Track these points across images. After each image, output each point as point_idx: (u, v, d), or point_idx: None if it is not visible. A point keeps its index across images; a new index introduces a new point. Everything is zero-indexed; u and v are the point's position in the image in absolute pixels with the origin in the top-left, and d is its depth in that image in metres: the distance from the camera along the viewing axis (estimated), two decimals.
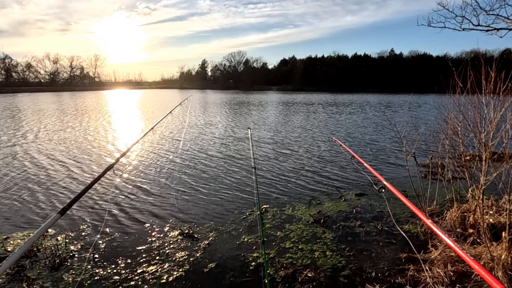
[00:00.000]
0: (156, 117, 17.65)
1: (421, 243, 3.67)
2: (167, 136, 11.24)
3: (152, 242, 3.73)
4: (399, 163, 7.47)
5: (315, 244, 3.68)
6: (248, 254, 3.48)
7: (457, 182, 4.74)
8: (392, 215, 4.48)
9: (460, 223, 3.83)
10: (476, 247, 3.21)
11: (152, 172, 6.62)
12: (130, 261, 3.33)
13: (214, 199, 5.15)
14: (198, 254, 3.49)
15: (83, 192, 1.79)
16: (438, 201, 4.68)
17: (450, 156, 4.64)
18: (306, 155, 8.33)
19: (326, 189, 5.63)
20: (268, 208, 4.71)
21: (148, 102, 32.14)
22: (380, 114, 20.33)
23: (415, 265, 3.19)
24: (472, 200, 3.88)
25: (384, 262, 3.31)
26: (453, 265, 3.01)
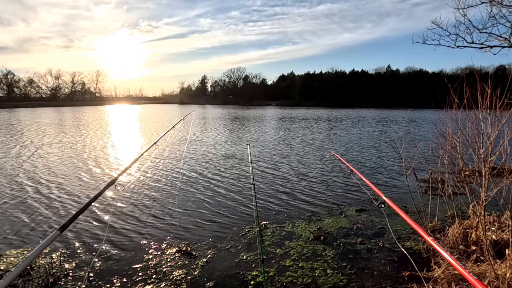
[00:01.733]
0: (158, 132, 17.71)
1: (423, 261, 3.60)
2: (168, 152, 11.23)
3: (149, 260, 3.65)
4: (398, 178, 7.44)
5: (316, 262, 3.60)
6: (247, 272, 3.39)
7: (457, 198, 4.72)
8: (393, 231, 4.42)
9: (463, 240, 3.77)
10: (480, 264, 3.14)
11: (152, 189, 6.56)
12: (126, 280, 3.24)
13: (213, 215, 5.08)
14: (196, 272, 3.40)
15: (84, 208, 1.76)
16: (440, 217, 4.63)
17: (449, 171, 4.63)
18: (305, 170, 8.30)
19: (326, 205, 5.57)
20: (268, 225, 4.64)
21: (149, 118, 32.31)
22: (378, 129, 20.46)
23: (418, 284, 3.11)
24: (474, 216, 3.84)
25: (386, 280, 3.23)
26: (457, 284, 2.93)
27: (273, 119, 30.60)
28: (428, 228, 4.03)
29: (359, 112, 44.90)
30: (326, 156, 10.34)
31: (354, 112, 44.76)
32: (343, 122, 26.44)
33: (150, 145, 3.07)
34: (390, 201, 2.21)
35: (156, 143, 3.08)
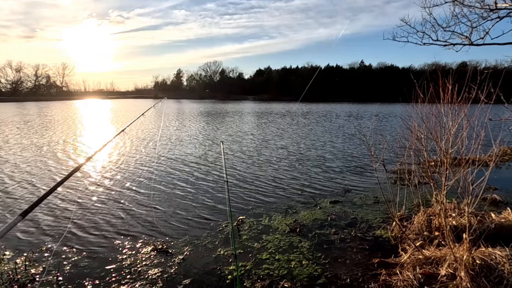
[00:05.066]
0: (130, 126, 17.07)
1: (392, 247, 3.81)
2: (141, 147, 10.89)
3: (122, 260, 3.56)
4: (370, 170, 7.76)
5: (292, 253, 3.69)
6: (224, 267, 3.41)
7: (423, 188, 5.02)
8: (365, 221, 4.62)
9: (427, 227, 4.03)
10: (441, 249, 3.38)
11: (124, 187, 6.36)
12: (98, 282, 3.14)
13: (189, 213, 5.03)
14: (173, 270, 3.37)
15: (48, 194, 1.67)
16: (407, 206, 4.90)
17: (416, 162, 4.91)
18: (281, 164, 8.42)
19: (301, 198, 5.70)
20: (245, 219, 4.68)
21: (121, 113, 31.04)
22: (351, 123, 21.12)
23: (387, 270, 3.29)
24: (436, 204, 4.11)
25: (358, 268, 3.39)
26: (421, 267, 3.14)
27: (249, 114, 30.60)
28: (396, 217, 4.26)
29: (334, 106, 46.05)
30: (301, 151, 10.54)
31: (329, 106, 45.84)
32: (317, 116, 27.01)
33: (118, 132, 2.97)
34: None
35: (124, 130, 2.98)
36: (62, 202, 5.43)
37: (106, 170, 7.70)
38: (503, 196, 5.46)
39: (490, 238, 3.60)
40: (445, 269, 2.96)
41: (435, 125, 3.96)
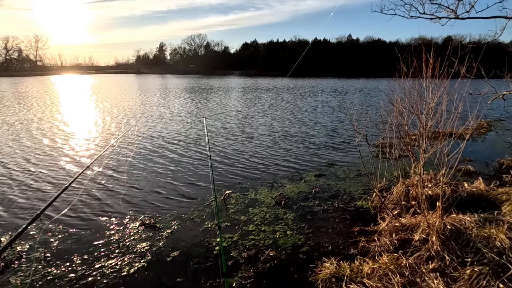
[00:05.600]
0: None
1: (371, 217, 4.02)
2: (121, 124, 10.64)
3: (110, 236, 3.60)
4: (353, 145, 7.95)
5: (277, 225, 3.84)
6: (211, 239, 3.52)
7: (403, 160, 5.22)
8: (347, 193, 4.81)
9: (405, 197, 4.25)
10: (416, 216, 3.60)
11: (108, 166, 6.27)
12: (87, 257, 3.19)
13: (175, 188, 5.06)
14: (161, 243, 3.45)
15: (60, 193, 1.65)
16: (387, 178, 5.11)
17: (397, 136, 5.06)
18: (265, 140, 8.47)
19: (286, 172, 5.82)
20: (231, 194, 4.77)
21: (102, 89, 29.81)
22: (336, 99, 21.23)
23: (366, 237, 3.49)
24: (414, 175, 4.30)
25: (339, 236, 3.58)
26: (397, 234, 3.35)
27: (235, 89, 30.11)
28: (377, 188, 4.45)
29: (320, 81, 45.88)
30: (286, 126, 10.61)
31: (315, 81, 45.63)
32: (303, 92, 26.92)
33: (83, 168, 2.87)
34: None
35: (93, 162, 2.89)
36: (44, 182, 5.33)
37: (86, 149, 7.53)
38: (476, 167, 5.77)
39: (462, 205, 3.85)
40: (418, 234, 3.17)
41: (416, 99, 4.05)
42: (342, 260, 3.03)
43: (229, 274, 2.91)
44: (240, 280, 2.85)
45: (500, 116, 11.76)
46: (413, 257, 2.95)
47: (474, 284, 2.49)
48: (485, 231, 3.05)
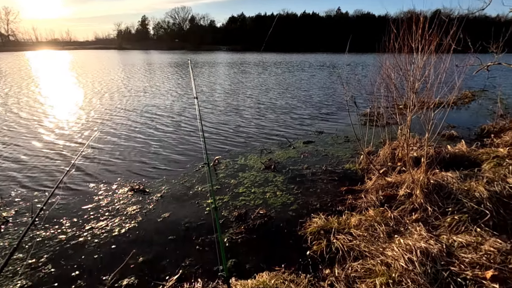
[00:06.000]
0: None
1: (359, 178, 4.12)
2: (109, 100, 10.28)
3: (99, 201, 3.56)
4: (342, 116, 7.99)
5: (267, 187, 3.89)
6: (202, 201, 3.55)
7: (390, 127, 5.30)
8: (335, 157, 4.89)
9: (391, 158, 4.36)
10: (402, 175, 3.71)
11: (89, 136, 6.10)
12: (76, 220, 3.16)
13: (163, 156, 5.01)
14: (151, 206, 3.45)
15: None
16: (374, 143, 5.20)
17: (385, 105, 5.11)
18: (253, 112, 8.40)
19: (276, 140, 5.84)
20: (221, 160, 4.77)
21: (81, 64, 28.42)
22: (324, 72, 21.05)
23: (353, 195, 3.60)
24: (401, 137, 4.39)
25: (327, 195, 3.67)
26: (383, 191, 3.46)
27: (222, 64, 29.34)
28: (364, 151, 4.52)
29: (309, 56, 45.22)
30: (273, 98, 10.51)
31: (303, 56, 44.95)
32: (290, 66, 26.53)
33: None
34: None
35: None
36: (29, 149, 5.15)
37: (80, 119, 7.28)
38: (459, 132, 5.94)
39: (445, 165, 3.98)
40: (403, 190, 3.29)
41: (405, 63, 4.02)
42: (330, 215, 3.12)
43: (221, 231, 2.96)
44: (231, 236, 2.91)
45: (483, 87, 12.00)
46: (398, 210, 3.07)
47: (453, 229, 2.63)
48: (466, 185, 3.19)
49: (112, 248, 2.75)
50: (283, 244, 2.81)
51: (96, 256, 2.64)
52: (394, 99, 4.49)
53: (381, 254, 2.36)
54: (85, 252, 2.70)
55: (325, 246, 2.62)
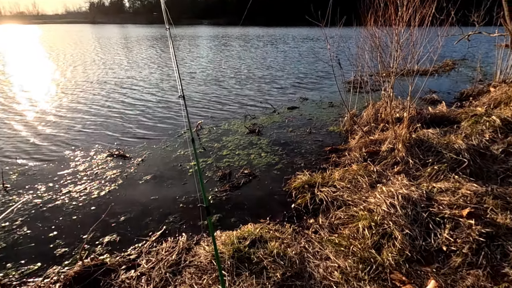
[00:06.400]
0: None
1: (342, 139, 4.14)
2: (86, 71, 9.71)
3: (76, 166, 3.41)
4: (326, 84, 7.92)
5: (251, 149, 3.84)
6: (185, 163, 3.46)
7: (374, 93, 5.30)
8: (320, 120, 4.87)
9: (374, 119, 4.38)
10: (385, 132, 3.75)
11: (75, 100, 5.77)
12: (52, 185, 3.02)
13: (144, 123, 4.82)
14: (132, 170, 3.34)
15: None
16: (358, 107, 5.20)
17: (369, 72, 5.07)
18: (238, 81, 8.19)
19: (260, 107, 5.73)
20: (204, 125, 4.65)
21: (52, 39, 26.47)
22: (307, 44, 20.69)
23: (337, 154, 3.62)
24: (384, 98, 4.40)
25: (312, 155, 3.67)
26: (366, 148, 3.49)
27: (203, 38, 28.20)
28: (349, 112, 4.50)
29: (293, 30, 44.17)
30: (256, 69, 10.27)
31: (288, 30, 43.85)
32: (275, 40, 25.87)
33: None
34: None
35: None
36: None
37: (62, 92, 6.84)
38: (440, 96, 6.04)
39: (426, 124, 4.05)
40: (386, 145, 3.32)
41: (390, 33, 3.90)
42: (315, 171, 3.13)
43: (205, 190, 2.91)
44: (216, 194, 2.87)
45: (464, 56, 12.17)
46: (380, 164, 3.11)
47: (433, 178, 2.70)
48: (445, 139, 3.25)
49: (92, 209, 2.66)
50: (268, 199, 2.80)
51: (75, 217, 2.55)
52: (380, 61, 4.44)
53: (364, 202, 2.39)
54: (62, 213, 2.59)
55: (309, 198, 2.64)
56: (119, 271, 1.95)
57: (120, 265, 2.00)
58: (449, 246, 1.88)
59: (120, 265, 2.01)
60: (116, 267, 1.98)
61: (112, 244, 2.25)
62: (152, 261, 2.02)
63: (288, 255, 1.94)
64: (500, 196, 2.33)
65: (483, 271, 1.70)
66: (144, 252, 2.15)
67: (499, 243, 1.85)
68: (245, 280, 1.78)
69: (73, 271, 1.92)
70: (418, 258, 1.85)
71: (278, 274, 1.79)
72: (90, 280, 1.87)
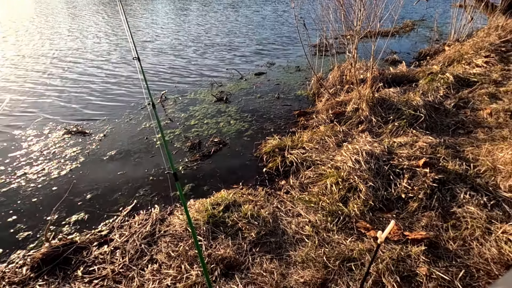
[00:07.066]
0: None
1: (310, 102, 4.19)
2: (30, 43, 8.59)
3: (29, 147, 3.13)
4: (291, 49, 7.80)
5: (220, 117, 3.76)
6: (152, 136, 3.33)
7: (339, 56, 5.33)
8: (288, 85, 4.86)
9: (340, 82, 4.45)
10: (350, 94, 3.84)
11: (14, 78, 5.16)
12: (4, 168, 2.77)
13: (102, 97, 4.48)
14: (94, 146, 3.15)
15: None
16: (324, 70, 5.23)
17: (334, 35, 5.03)
18: (200, 49, 7.79)
19: (226, 74, 5.55)
20: (168, 95, 4.43)
21: None
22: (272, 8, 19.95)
23: (305, 117, 3.67)
24: (349, 59, 4.45)
25: (281, 120, 3.70)
26: (333, 109, 3.58)
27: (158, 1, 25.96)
28: (315, 76, 4.52)
29: None
30: (217, 34, 9.80)
31: None
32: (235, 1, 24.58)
33: None
34: None
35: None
36: None
37: None
38: (400, 57, 6.24)
39: (388, 84, 4.20)
40: (351, 106, 3.42)
41: None
42: (284, 135, 3.17)
43: (175, 161, 2.85)
44: (186, 164, 2.83)
45: (423, 16, 12.52)
46: (346, 124, 3.23)
47: (394, 133, 2.86)
48: (405, 97, 3.42)
49: (53, 190, 2.50)
50: (240, 165, 2.82)
51: (35, 199, 2.39)
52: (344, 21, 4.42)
53: (331, 160, 2.50)
54: (20, 197, 2.42)
55: (280, 161, 2.69)
56: (91, 248, 1.90)
57: (92, 242, 1.95)
58: (407, 193, 2.06)
59: (91, 242, 1.95)
60: (88, 244, 1.93)
61: (80, 223, 2.17)
62: (126, 234, 1.98)
63: (262, 216, 2.01)
64: (451, 146, 2.55)
65: (435, 212, 1.90)
66: (116, 227, 2.10)
67: (449, 187, 2.05)
68: (221, 242, 1.83)
69: (40, 253, 1.83)
70: (380, 207, 2.01)
71: (253, 233, 1.86)
72: (60, 260, 1.80)
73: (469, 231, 1.73)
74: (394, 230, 1.77)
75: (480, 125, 2.92)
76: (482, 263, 1.54)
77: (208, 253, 1.74)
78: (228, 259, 1.70)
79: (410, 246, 1.66)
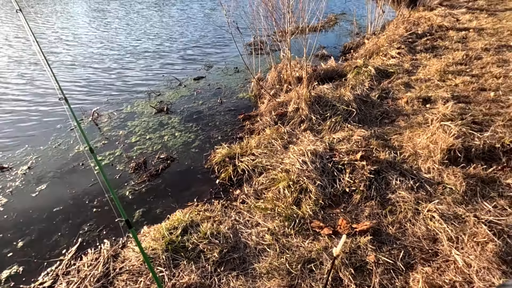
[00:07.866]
0: None
1: (253, 104, 4.27)
2: None
3: None
4: (227, 50, 7.80)
5: (163, 130, 3.60)
6: (88, 161, 3.03)
7: (274, 54, 5.51)
8: (229, 88, 4.86)
9: (278, 81, 4.62)
10: (289, 94, 4.02)
11: None
12: None
13: (18, 123, 3.90)
14: (18, 182, 2.74)
15: None
16: (262, 70, 5.36)
17: (267, 33, 5.17)
18: (129, 55, 7.28)
19: (163, 81, 5.30)
20: (101, 111, 4.06)
21: None
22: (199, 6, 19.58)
23: (250, 121, 3.74)
24: (284, 59, 4.64)
25: (227, 126, 3.70)
26: (276, 110, 3.71)
27: (68, 1, 23.28)
28: (255, 78, 4.62)
29: None
30: (144, 38, 9.29)
31: None
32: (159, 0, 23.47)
33: None
34: None
35: None
36: None
37: None
38: (329, 51, 6.73)
39: (321, 80, 4.52)
40: (292, 106, 3.60)
41: None
42: (232, 143, 3.19)
43: (120, 186, 2.65)
44: (133, 187, 2.66)
45: (343, 10, 13.65)
46: (289, 124, 3.38)
47: (332, 129, 3.11)
48: (337, 93, 3.72)
49: None
50: (192, 180, 2.76)
51: None
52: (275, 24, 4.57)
53: (281, 164, 2.61)
54: None
55: (232, 171, 2.71)
56: None
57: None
58: (350, 187, 2.27)
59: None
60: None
61: (15, 279, 1.89)
62: (74, 281, 1.80)
63: (221, 232, 2.01)
64: (380, 136, 2.88)
65: (375, 201, 2.14)
66: (62, 274, 1.89)
67: (383, 175, 2.33)
68: (184, 269, 1.78)
69: None
70: (329, 203, 2.19)
71: (215, 253, 1.85)
72: None
73: (403, 214, 2.00)
74: (343, 225, 1.95)
75: (400, 113, 3.35)
76: (415, 241, 1.81)
77: (172, 283, 1.69)
78: (194, 285, 1.67)
79: (359, 237, 1.85)
